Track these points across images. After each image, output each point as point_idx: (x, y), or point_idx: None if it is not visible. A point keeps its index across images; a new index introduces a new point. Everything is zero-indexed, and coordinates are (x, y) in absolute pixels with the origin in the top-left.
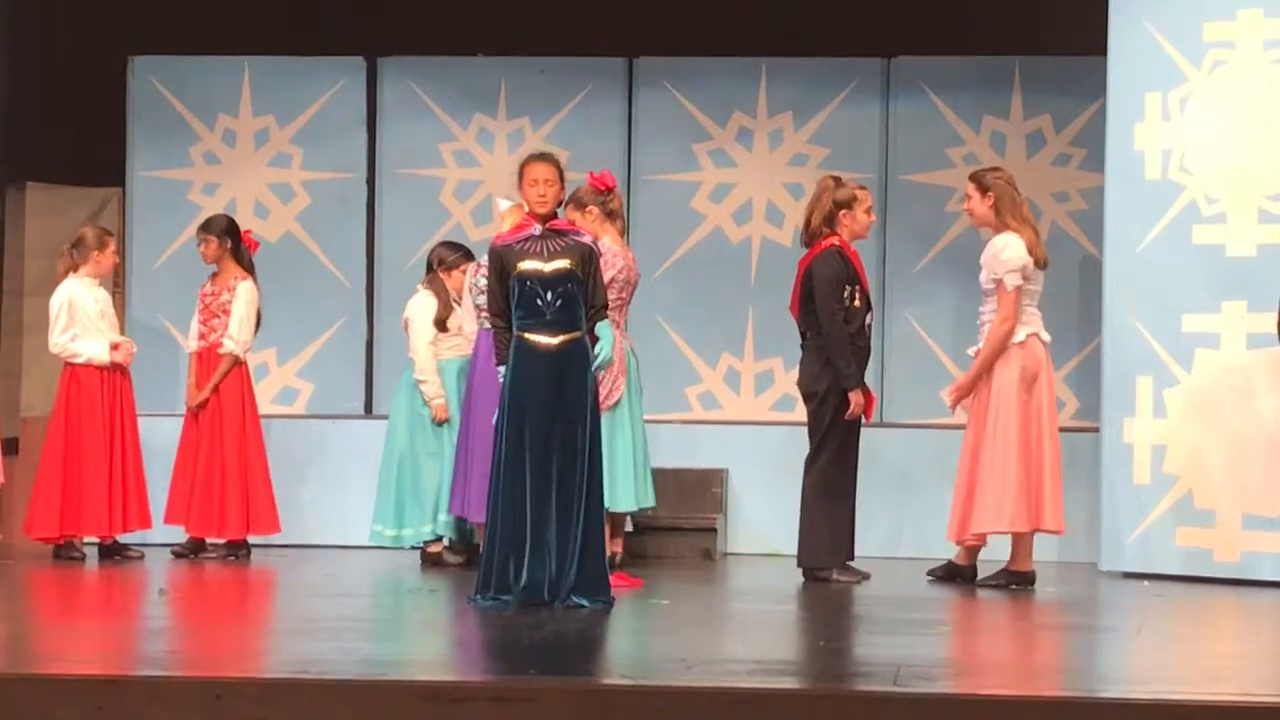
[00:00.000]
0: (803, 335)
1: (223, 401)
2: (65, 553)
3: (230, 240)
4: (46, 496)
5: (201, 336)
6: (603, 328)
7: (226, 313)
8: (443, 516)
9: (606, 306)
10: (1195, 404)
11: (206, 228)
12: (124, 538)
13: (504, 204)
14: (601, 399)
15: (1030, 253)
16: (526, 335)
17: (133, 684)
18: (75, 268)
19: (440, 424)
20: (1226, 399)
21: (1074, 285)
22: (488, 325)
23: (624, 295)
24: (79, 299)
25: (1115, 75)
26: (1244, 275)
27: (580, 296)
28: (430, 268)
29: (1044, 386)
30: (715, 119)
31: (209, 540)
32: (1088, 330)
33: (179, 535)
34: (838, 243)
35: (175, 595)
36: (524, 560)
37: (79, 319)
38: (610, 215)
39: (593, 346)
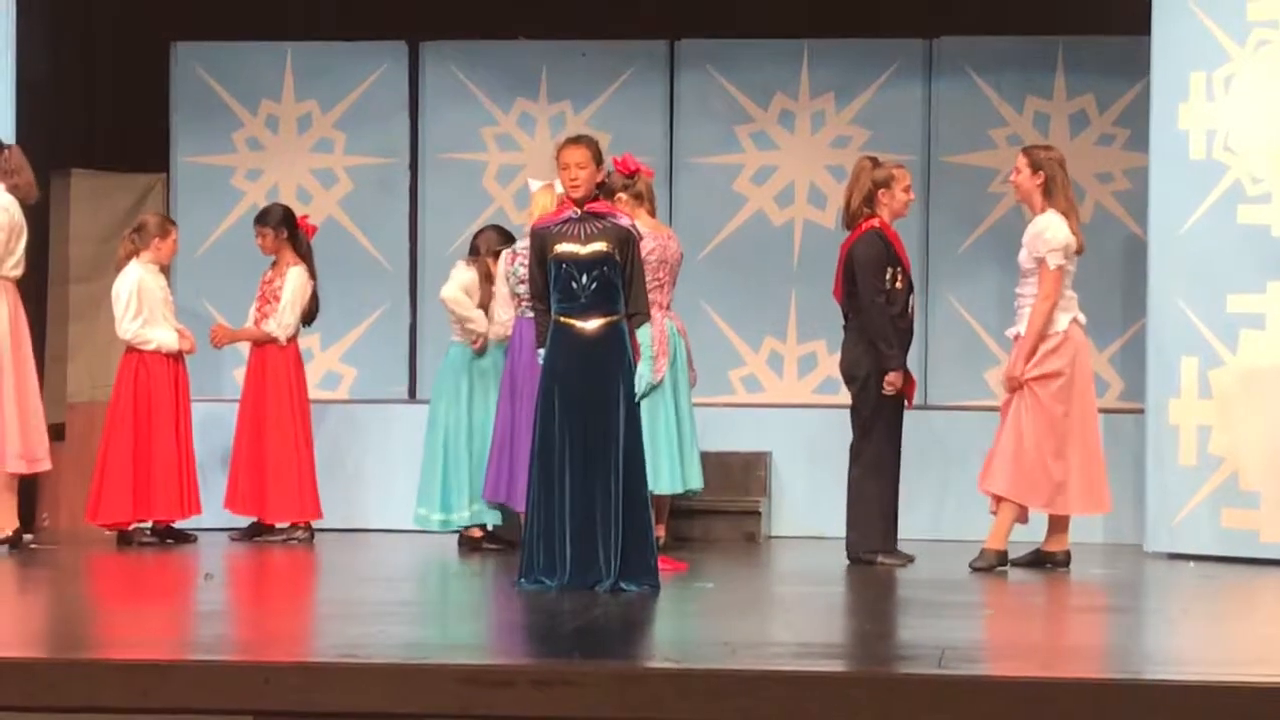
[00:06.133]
0: (845, 318)
1: (269, 388)
2: (135, 539)
3: (286, 229)
4: (115, 482)
5: (256, 323)
6: (642, 334)
7: (279, 299)
8: (481, 505)
9: (648, 308)
10: (1241, 385)
11: (262, 220)
12: (181, 523)
13: (534, 185)
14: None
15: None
16: (563, 319)
17: (179, 669)
18: (137, 253)
19: (480, 354)
20: (1272, 379)
21: (1118, 266)
22: (527, 314)
23: (660, 275)
24: (147, 285)
25: (1159, 55)
26: None
27: (617, 280)
28: (477, 251)
29: (1083, 369)
30: (757, 101)
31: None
32: (1132, 311)
33: (226, 519)
34: (878, 224)
35: (220, 580)
36: (565, 544)
37: (147, 304)
38: (637, 198)
39: (635, 349)
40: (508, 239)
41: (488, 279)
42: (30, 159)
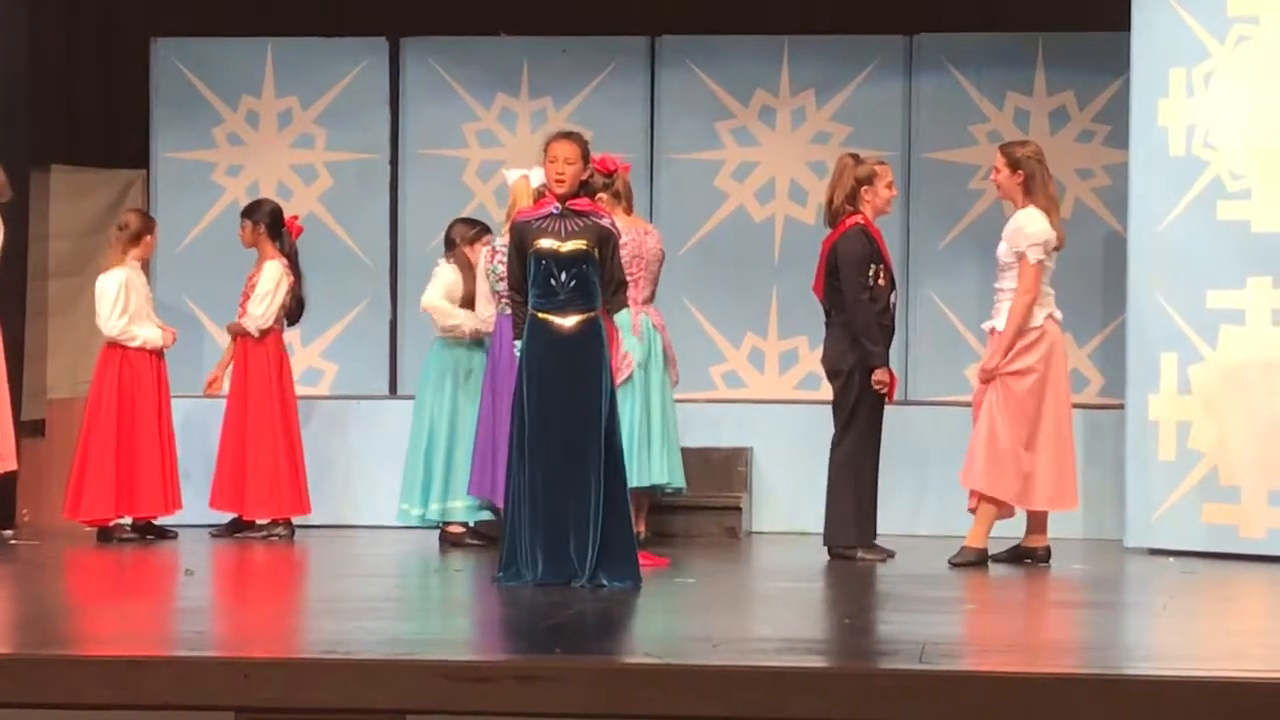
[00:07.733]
0: (827, 314)
1: (249, 383)
2: (115, 535)
3: (265, 225)
4: (97, 478)
5: (238, 320)
6: (621, 318)
7: None
8: (465, 501)
9: (624, 290)
10: (1220, 380)
11: (246, 213)
12: (162, 519)
13: (511, 175)
14: (616, 374)
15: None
16: (540, 314)
17: (160, 665)
18: (125, 251)
19: (478, 340)
20: (1252, 374)
21: (1098, 262)
22: (507, 311)
23: (634, 270)
24: (134, 283)
25: (1139, 51)
26: (1269, 251)
27: (596, 278)
28: (452, 245)
29: (1059, 365)
30: (738, 97)
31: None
32: (1112, 307)
33: (208, 515)
34: (862, 221)
35: (201, 576)
36: (544, 539)
37: (133, 302)
38: (615, 196)
39: (611, 337)
40: (475, 226)
41: (468, 268)
42: (9, 155)
